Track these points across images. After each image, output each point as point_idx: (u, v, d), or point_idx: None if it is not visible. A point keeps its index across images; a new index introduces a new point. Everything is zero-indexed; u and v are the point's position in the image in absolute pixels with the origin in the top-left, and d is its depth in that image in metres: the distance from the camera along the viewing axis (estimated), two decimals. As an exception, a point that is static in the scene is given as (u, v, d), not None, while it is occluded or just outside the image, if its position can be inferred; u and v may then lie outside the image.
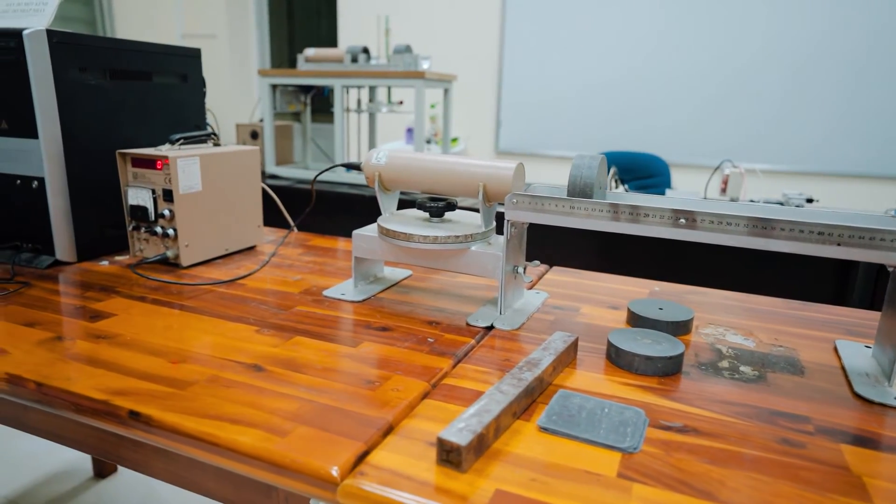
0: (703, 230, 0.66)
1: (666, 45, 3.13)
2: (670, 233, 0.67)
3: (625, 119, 3.27)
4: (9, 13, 0.96)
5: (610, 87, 3.25)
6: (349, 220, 2.08)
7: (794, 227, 0.61)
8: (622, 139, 3.29)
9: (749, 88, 3.07)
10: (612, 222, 0.70)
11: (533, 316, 0.83)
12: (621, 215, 0.69)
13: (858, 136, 2.97)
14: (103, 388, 0.58)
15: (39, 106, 0.93)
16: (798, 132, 3.04)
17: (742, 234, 0.64)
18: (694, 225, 0.66)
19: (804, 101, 3.02)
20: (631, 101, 3.23)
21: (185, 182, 0.97)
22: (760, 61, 3.03)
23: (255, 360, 0.65)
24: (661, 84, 3.17)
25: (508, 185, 0.79)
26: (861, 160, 2.97)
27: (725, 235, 0.65)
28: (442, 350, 0.70)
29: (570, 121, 3.35)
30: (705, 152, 3.16)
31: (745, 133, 3.11)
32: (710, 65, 3.09)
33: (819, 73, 2.97)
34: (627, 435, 0.51)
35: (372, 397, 0.58)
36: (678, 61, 3.13)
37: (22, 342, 0.68)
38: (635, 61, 3.19)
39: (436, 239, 0.80)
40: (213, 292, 0.89)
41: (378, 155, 0.87)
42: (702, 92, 3.13)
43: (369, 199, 2.06)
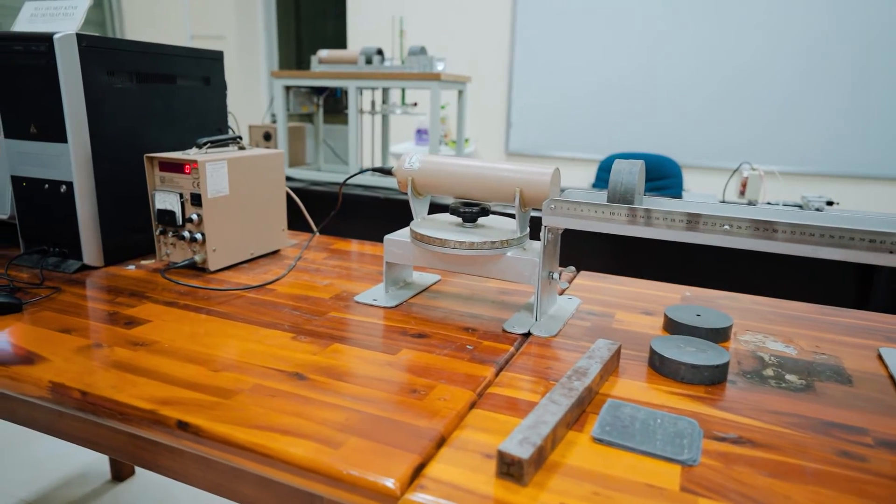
0: (739, 236, 0.65)
1: (677, 46, 3.12)
2: (718, 240, 0.67)
3: (635, 120, 3.26)
4: (38, 17, 0.96)
5: (620, 88, 3.24)
6: (366, 222, 2.08)
7: (845, 235, 0.60)
8: (632, 140, 3.28)
9: (762, 89, 3.06)
10: (655, 229, 0.70)
11: (568, 322, 0.82)
12: (666, 222, 0.68)
13: (876, 137, 2.96)
14: (148, 397, 0.58)
15: (69, 110, 0.92)
16: (813, 133, 3.03)
17: (784, 240, 0.63)
18: (737, 232, 0.66)
19: (818, 102, 3.00)
20: (641, 102, 3.22)
21: (213, 186, 0.96)
22: (773, 61, 3.02)
23: (296, 369, 0.65)
24: (672, 85, 3.16)
25: (546, 191, 0.78)
26: (880, 161, 2.96)
27: (772, 243, 0.64)
28: (482, 358, 0.69)
29: (581, 122, 3.34)
30: (717, 154, 3.14)
31: (757, 134, 3.10)
32: (721, 66, 3.08)
33: (834, 72, 2.96)
34: (684, 447, 0.50)
35: (419, 407, 0.58)
36: (689, 62, 3.12)
37: (60, 349, 0.68)
38: (646, 62, 3.18)
39: (472, 244, 0.79)
40: (242, 298, 0.88)
41: (411, 160, 0.87)
42: (713, 93, 3.12)
43: (384, 201, 2.06)
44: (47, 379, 0.61)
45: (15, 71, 0.93)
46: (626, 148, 3.27)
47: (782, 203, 1.75)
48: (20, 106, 0.95)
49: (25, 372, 0.62)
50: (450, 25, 3.52)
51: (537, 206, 0.80)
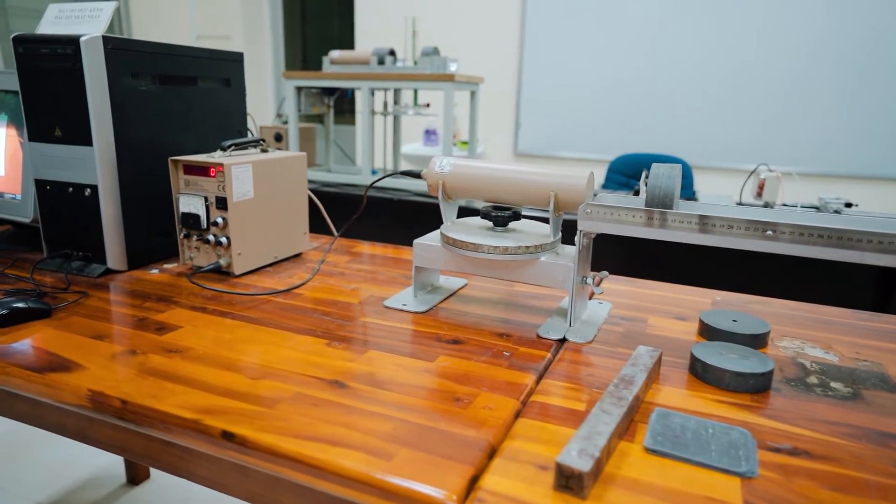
0: (782, 242, 0.65)
1: (686, 46, 3.11)
2: (762, 246, 0.66)
3: (645, 121, 3.24)
4: (62, 20, 0.95)
5: (630, 88, 3.23)
6: (380, 224, 2.07)
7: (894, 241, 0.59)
8: (642, 141, 3.27)
9: (772, 89, 3.05)
10: (694, 234, 0.69)
11: (602, 327, 0.81)
12: (707, 227, 0.67)
13: (894, 136, 2.94)
14: (189, 406, 0.57)
15: (94, 113, 0.91)
16: (827, 133, 3.02)
17: (828, 245, 0.63)
18: (780, 237, 0.65)
19: (832, 101, 2.99)
20: (651, 102, 3.21)
21: (238, 189, 0.95)
22: (785, 60, 3.00)
23: (335, 376, 0.64)
24: (682, 85, 3.15)
25: (581, 195, 0.77)
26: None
27: (812, 248, 0.63)
28: (520, 364, 0.69)
29: (590, 123, 3.33)
30: (727, 155, 3.13)
31: (768, 134, 3.09)
32: (731, 65, 3.07)
33: (850, 70, 2.94)
34: (741, 458, 0.49)
35: (465, 416, 0.57)
36: (699, 62, 3.11)
37: (95, 356, 0.67)
38: (655, 63, 3.17)
39: (506, 249, 0.78)
40: (270, 302, 0.88)
41: (441, 163, 0.86)
42: (723, 93, 3.11)
43: (397, 202, 2.05)
44: (86, 387, 0.60)
45: (40, 73, 0.92)
46: (635, 149, 3.26)
47: (800, 205, 1.74)
48: (45, 109, 0.94)
49: (63, 380, 0.61)
50: (459, 26, 3.51)
51: (571, 210, 0.80)
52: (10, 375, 0.63)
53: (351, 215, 2.10)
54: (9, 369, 0.64)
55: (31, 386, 0.62)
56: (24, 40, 0.92)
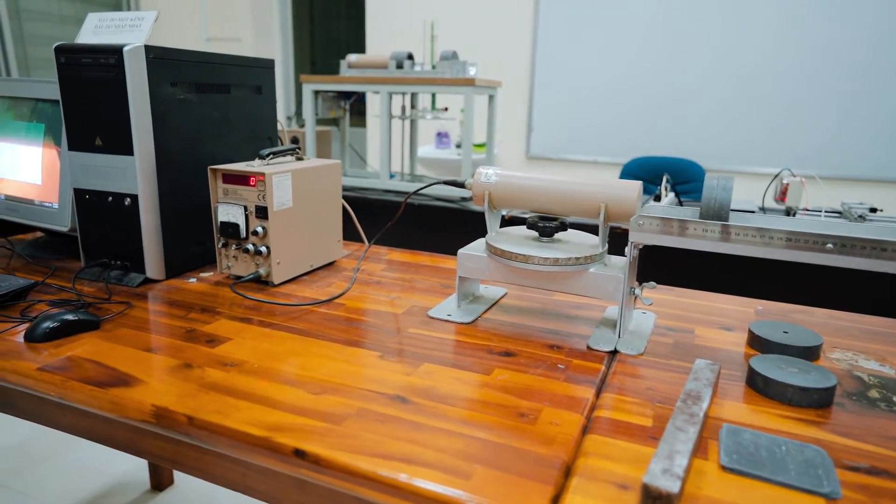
0: (843, 255, 0.64)
1: (698, 49, 3.11)
2: (818, 258, 0.65)
3: (658, 124, 3.24)
4: (102, 29, 0.95)
5: (642, 91, 3.22)
6: (402, 228, 2.07)
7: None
8: (655, 144, 3.27)
9: (790, 91, 3.04)
10: (752, 247, 0.69)
11: (650, 339, 0.81)
12: (766, 240, 0.67)
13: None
14: (256, 422, 0.57)
15: (135, 122, 0.91)
16: (845, 136, 3.01)
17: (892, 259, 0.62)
18: (843, 251, 0.64)
19: (850, 104, 2.99)
20: (664, 105, 3.21)
21: (278, 198, 0.95)
22: (803, 62, 3.00)
23: (396, 391, 0.64)
24: (695, 88, 3.15)
25: (632, 206, 0.77)
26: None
27: (881, 262, 0.63)
28: (577, 378, 0.68)
29: (602, 126, 3.33)
30: (740, 157, 3.13)
31: (785, 138, 3.08)
32: (745, 68, 3.06)
33: (867, 74, 2.94)
34: (821, 478, 0.49)
35: (533, 432, 0.56)
36: (712, 65, 3.10)
37: (152, 370, 0.67)
38: (669, 66, 3.16)
39: (556, 261, 0.78)
40: (313, 313, 0.87)
41: (487, 173, 0.86)
42: (736, 95, 3.10)
43: (418, 207, 2.04)
44: (150, 402, 0.60)
45: (82, 83, 0.92)
46: (648, 152, 3.26)
47: (824, 211, 1.73)
48: (86, 118, 0.94)
49: (126, 395, 0.61)
50: (471, 29, 3.51)
51: (621, 221, 0.79)
52: (71, 390, 0.63)
53: (370, 219, 2.09)
54: (69, 384, 0.63)
55: (93, 401, 0.62)
56: (66, 50, 0.92)
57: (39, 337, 0.73)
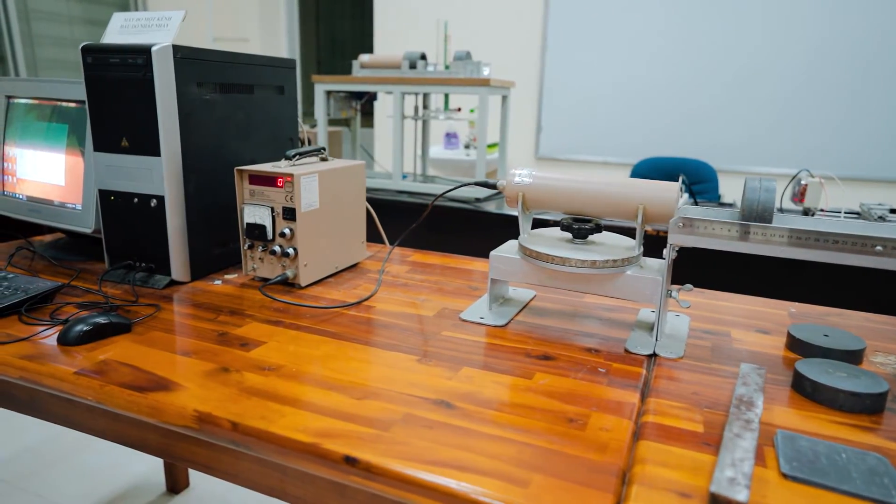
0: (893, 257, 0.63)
1: (709, 49, 3.10)
2: (865, 261, 0.64)
3: (667, 124, 3.23)
4: (128, 29, 0.94)
5: (652, 91, 3.21)
6: (417, 229, 2.05)
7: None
8: (665, 144, 3.26)
9: (803, 91, 3.03)
10: (795, 249, 0.68)
11: (687, 342, 0.80)
12: (811, 242, 0.66)
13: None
14: (303, 428, 0.56)
15: (163, 123, 0.90)
16: (862, 137, 3.00)
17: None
18: (892, 253, 0.63)
19: (862, 103, 2.97)
20: (673, 105, 3.20)
21: (306, 199, 0.94)
22: (815, 62, 2.99)
23: (439, 396, 0.63)
24: (705, 88, 3.13)
25: (672, 208, 0.76)
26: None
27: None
28: (620, 382, 0.67)
29: (612, 126, 3.32)
30: (753, 158, 3.12)
31: (795, 137, 3.07)
32: (756, 68, 3.05)
33: (880, 72, 2.92)
34: (889, 487, 0.48)
35: (584, 438, 0.55)
36: (722, 65, 3.09)
37: (190, 374, 0.66)
38: (678, 66, 3.15)
39: (594, 263, 0.77)
40: (343, 315, 0.86)
41: (521, 174, 0.85)
42: (747, 95, 3.09)
43: (433, 207, 2.03)
44: (191, 408, 0.59)
45: (109, 84, 0.91)
46: (657, 152, 3.25)
47: (843, 212, 1.72)
48: (112, 119, 0.93)
49: (166, 400, 0.60)
50: (480, 29, 3.50)
51: (659, 223, 0.78)
52: (109, 395, 0.62)
53: (384, 221, 2.08)
54: (108, 389, 0.62)
55: (133, 406, 0.61)
56: (92, 50, 0.91)
57: (72, 340, 0.72)
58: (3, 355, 0.69)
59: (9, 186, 1.12)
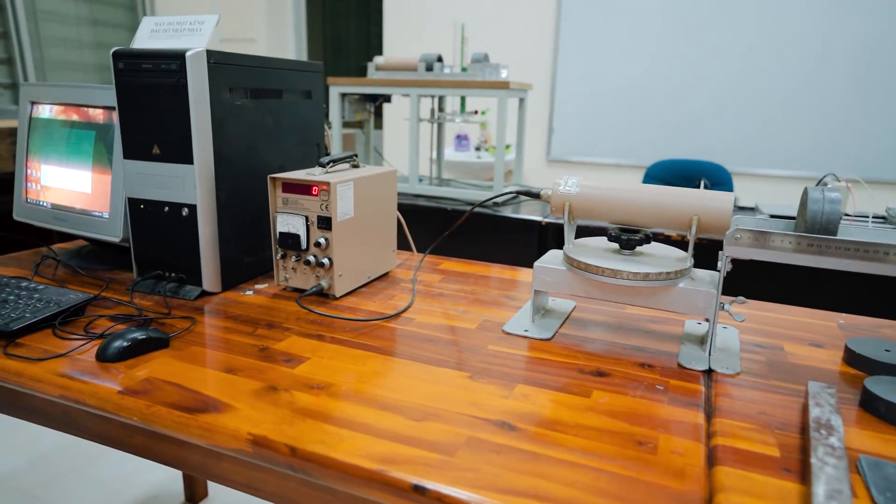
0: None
1: (722, 50, 3.07)
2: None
3: (681, 126, 3.21)
4: (159, 33, 0.92)
5: (664, 93, 3.19)
6: (432, 233, 2.03)
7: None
8: (678, 146, 3.23)
9: (815, 92, 3.01)
10: (862, 262, 0.65)
11: (741, 356, 0.78)
12: (880, 256, 0.64)
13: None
14: (365, 453, 0.53)
15: (196, 129, 0.88)
16: (877, 139, 2.98)
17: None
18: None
19: (879, 103, 2.95)
20: (686, 107, 3.17)
21: (342, 208, 0.92)
22: (824, 64, 2.96)
23: (500, 417, 0.60)
24: (718, 90, 3.11)
25: (727, 219, 0.74)
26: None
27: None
28: (681, 400, 0.65)
29: (624, 128, 3.29)
30: (769, 160, 3.09)
31: (807, 139, 3.05)
32: (767, 69, 3.03)
33: (884, 73, 2.90)
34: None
35: (659, 463, 0.53)
36: (737, 67, 3.06)
37: (238, 394, 0.63)
38: (691, 68, 3.13)
39: (647, 276, 0.75)
40: (383, 328, 0.84)
41: (567, 183, 0.82)
42: (762, 97, 3.07)
43: (450, 212, 2.01)
44: (245, 430, 0.56)
45: (141, 90, 0.89)
46: (670, 154, 3.22)
47: (871, 216, 1.70)
48: (143, 126, 0.90)
49: (218, 422, 0.58)
50: (492, 31, 3.47)
51: (713, 235, 0.76)
52: (157, 416, 0.60)
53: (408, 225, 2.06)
54: (155, 409, 0.60)
55: (183, 428, 0.59)
56: (124, 55, 0.88)
57: (112, 357, 0.70)
58: (42, 372, 0.67)
59: (32, 194, 1.10)
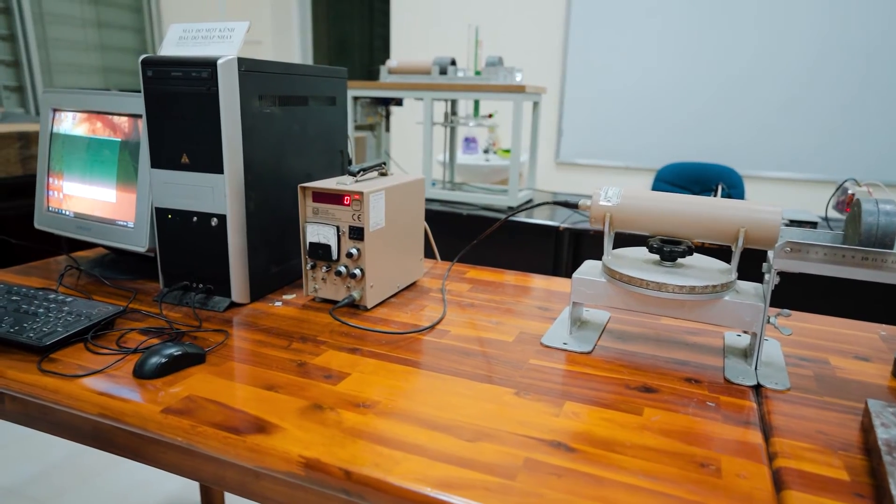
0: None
1: (732, 53, 3.06)
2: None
3: (691, 128, 3.19)
4: (187, 40, 0.90)
5: (674, 96, 3.18)
6: (448, 240, 2.02)
7: None
8: (688, 149, 3.22)
9: (821, 94, 3.00)
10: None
11: (787, 370, 0.76)
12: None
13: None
14: (422, 477, 0.52)
15: (227, 138, 0.86)
16: (878, 140, 2.97)
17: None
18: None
19: (888, 104, 2.94)
20: (696, 110, 3.16)
21: (374, 218, 0.90)
22: (833, 65, 2.95)
23: (553, 436, 0.59)
24: (728, 92, 3.09)
25: (776, 231, 0.72)
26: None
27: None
28: (734, 418, 0.64)
29: (634, 131, 3.28)
30: (781, 163, 3.08)
31: (820, 141, 3.03)
32: (780, 72, 3.01)
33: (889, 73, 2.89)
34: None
35: (725, 488, 0.52)
36: (748, 69, 3.05)
37: (285, 413, 0.62)
38: (700, 70, 3.11)
39: (693, 289, 0.73)
40: (419, 341, 0.82)
41: (607, 194, 0.81)
42: (775, 98, 3.05)
43: (466, 217, 2.00)
44: (296, 453, 0.55)
45: (170, 98, 0.87)
46: (680, 157, 3.21)
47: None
48: (172, 135, 0.89)
49: (268, 444, 0.56)
50: (501, 34, 3.46)
51: (760, 247, 0.74)
52: (203, 437, 0.58)
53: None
54: (201, 429, 0.59)
55: (230, 449, 0.57)
56: (153, 63, 0.87)
57: (149, 374, 0.68)
58: (79, 390, 0.66)
59: (54, 202, 1.08)
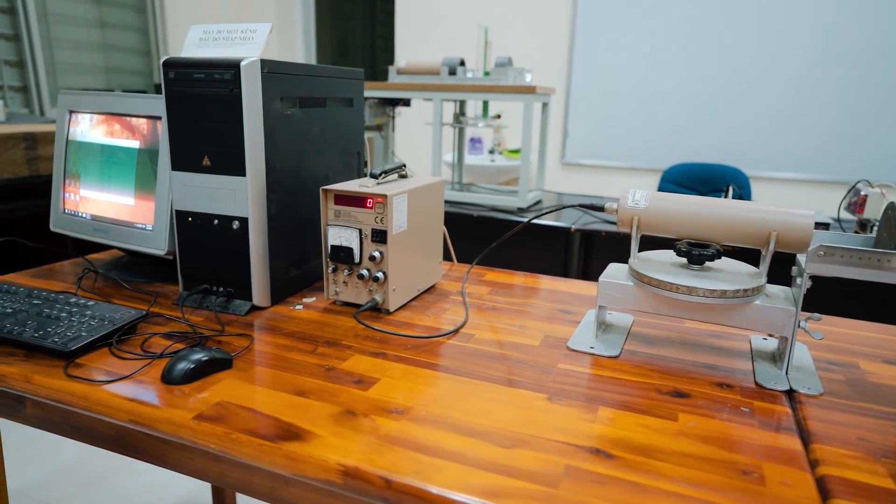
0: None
1: (737, 53, 3.05)
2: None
3: (696, 129, 3.19)
4: (208, 42, 0.89)
5: (680, 96, 3.17)
6: (464, 242, 2.01)
7: None
8: (694, 149, 3.22)
9: (830, 94, 2.99)
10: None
11: (819, 374, 0.76)
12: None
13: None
14: (464, 485, 0.51)
15: (249, 141, 0.86)
16: (886, 141, 2.97)
17: None
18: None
19: (890, 103, 2.94)
20: (702, 110, 3.16)
21: (397, 221, 0.90)
22: (840, 65, 2.95)
23: (591, 443, 0.58)
24: (735, 93, 3.09)
25: (808, 235, 0.72)
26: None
27: None
28: (771, 423, 0.63)
29: (639, 131, 3.27)
30: (788, 164, 3.07)
31: (826, 142, 3.03)
32: (786, 72, 3.01)
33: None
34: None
35: (771, 496, 0.51)
36: (755, 69, 3.05)
37: (318, 419, 0.61)
38: (706, 70, 3.11)
39: (724, 293, 0.73)
40: (444, 345, 0.82)
41: (635, 197, 0.80)
42: (782, 99, 3.05)
43: (476, 218, 1.99)
44: (335, 460, 0.54)
45: (192, 100, 0.86)
46: (686, 158, 3.21)
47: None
48: (193, 137, 0.88)
49: (304, 451, 0.55)
50: (507, 34, 3.45)
51: (792, 251, 0.74)
52: (237, 444, 0.57)
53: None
54: (235, 436, 0.58)
55: (265, 457, 0.56)
56: (175, 64, 0.86)
57: (177, 379, 0.67)
58: (108, 396, 0.65)
59: (70, 204, 1.08)
